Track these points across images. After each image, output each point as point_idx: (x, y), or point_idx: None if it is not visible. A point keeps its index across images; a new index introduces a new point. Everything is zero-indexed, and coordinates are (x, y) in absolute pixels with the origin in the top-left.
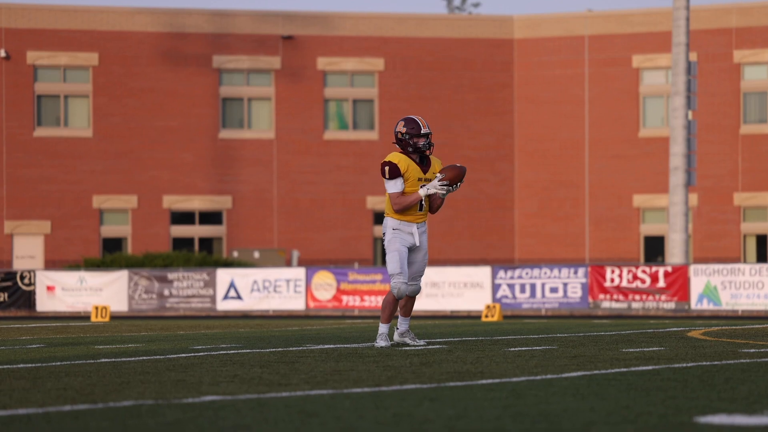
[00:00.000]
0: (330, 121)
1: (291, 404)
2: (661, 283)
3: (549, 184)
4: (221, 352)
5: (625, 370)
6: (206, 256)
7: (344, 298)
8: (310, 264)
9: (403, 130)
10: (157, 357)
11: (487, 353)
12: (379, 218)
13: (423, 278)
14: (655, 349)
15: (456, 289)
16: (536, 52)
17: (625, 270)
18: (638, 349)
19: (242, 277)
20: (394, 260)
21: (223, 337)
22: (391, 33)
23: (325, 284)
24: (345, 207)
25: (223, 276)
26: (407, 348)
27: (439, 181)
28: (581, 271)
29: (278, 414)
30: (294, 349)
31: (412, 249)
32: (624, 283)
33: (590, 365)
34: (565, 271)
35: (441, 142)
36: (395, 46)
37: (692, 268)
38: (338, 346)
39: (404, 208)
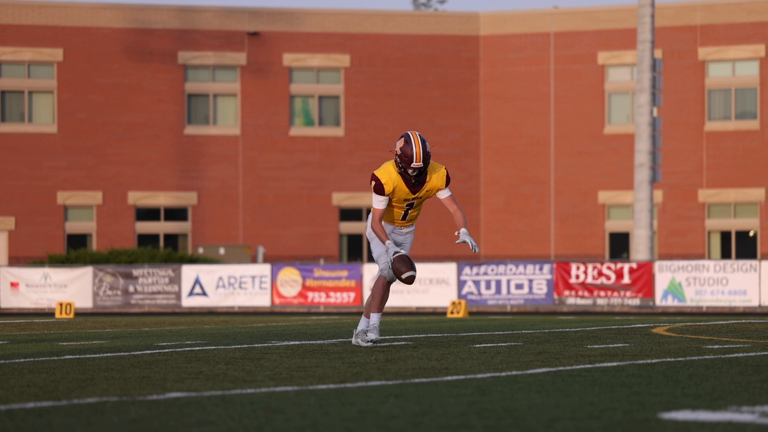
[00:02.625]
0: (296, 118)
1: (256, 401)
2: (626, 280)
3: (515, 180)
4: (186, 348)
5: (589, 366)
6: (171, 252)
7: (310, 294)
8: (276, 260)
9: (399, 151)
10: (122, 354)
11: (453, 350)
12: (344, 214)
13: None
14: (619, 345)
15: (422, 286)
16: (502, 48)
17: (590, 266)
18: (603, 346)
19: (207, 273)
20: (378, 244)
21: (188, 334)
22: (357, 29)
23: (290, 280)
24: (311, 203)
25: (188, 272)
26: (367, 345)
27: (394, 255)
28: (546, 267)
29: (243, 411)
30: (259, 345)
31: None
32: (589, 280)
33: (555, 362)
34: (530, 267)
35: None
36: (361, 43)
37: (657, 264)
38: (303, 342)
39: (374, 230)
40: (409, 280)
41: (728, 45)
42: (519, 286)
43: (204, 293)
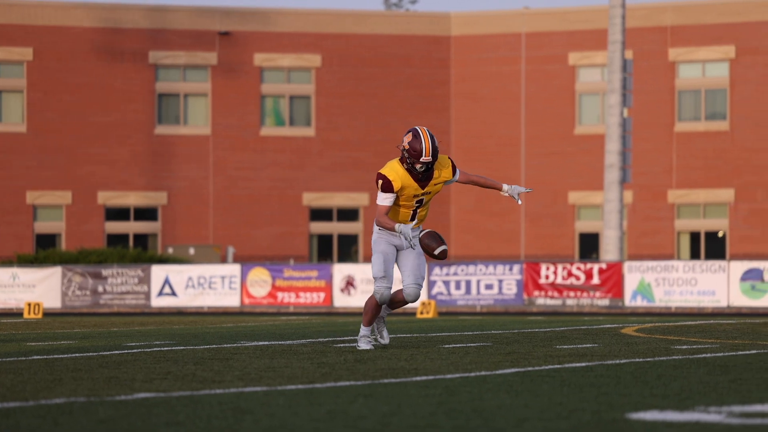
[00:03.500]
0: (267, 117)
1: (224, 401)
2: (596, 280)
3: None
4: (155, 349)
5: (558, 366)
6: (141, 252)
7: (279, 294)
8: (246, 260)
9: (407, 146)
10: (90, 354)
11: (422, 350)
12: (315, 215)
13: (361, 275)
14: (588, 345)
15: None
16: (473, 49)
17: (559, 267)
18: (572, 346)
19: (177, 273)
20: (377, 262)
21: (157, 334)
22: (328, 29)
23: (260, 281)
24: (281, 203)
25: (158, 272)
26: (343, 345)
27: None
28: (516, 267)
29: (211, 411)
30: (228, 345)
31: (401, 250)
32: (559, 280)
33: (524, 362)
34: (500, 267)
35: (378, 139)
36: (332, 43)
37: (626, 265)
38: (273, 342)
39: (380, 224)
40: (442, 255)
41: (698, 46)
42: (489, 287)
43: (173, 293)
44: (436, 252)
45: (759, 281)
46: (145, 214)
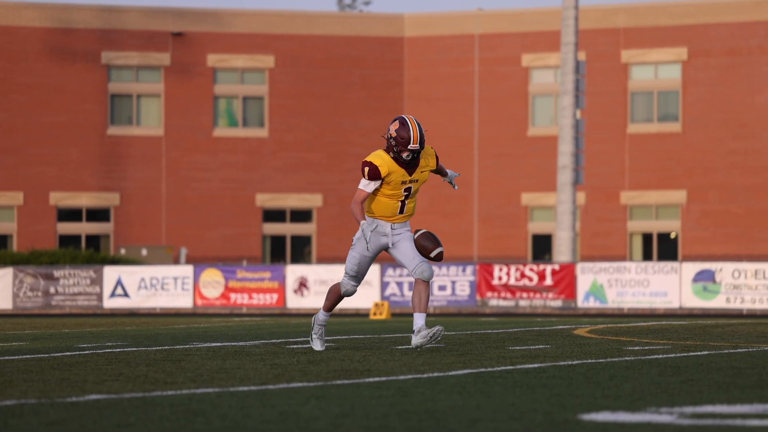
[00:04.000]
0: (220, 118)
1: (176, 403)
2: (549, 281)
3: (438, 181)
4: (107, 350)
5: (511, 368)
6: (93, 253)
7: (232, 295)
8: (199, 261)
9: (394, 134)
10: (41, 355)
11: (375, 351)
12: (268, 215)
13: (314, 276)
14: (541, 347)
15: None
16: (427, 50)
17: (512, 268)
18: (524, 347)
19: (129, 274)
20: (353, 261)
21: (109, 335)
22: (281, 30)
23: (213, 282)
24: (234, 204)
25: (110, 273)
26: (296, 347)
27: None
28: (469, 269)
29: (163, 413)
30: (180, 347)
31: (388, 248)
32: (512, 281)
33: (477, 363)
34: (453, 269)
35: (331, 140)
36: (286, 44)
37: (579, 266)
38: (225, 344)
39: (352, 211)
40: (439, 257)
41: (651, 48)
42: (442, 288)
43: (126, 294)
44: (433, 254)
45: (711, 282)
46: (98, 215)
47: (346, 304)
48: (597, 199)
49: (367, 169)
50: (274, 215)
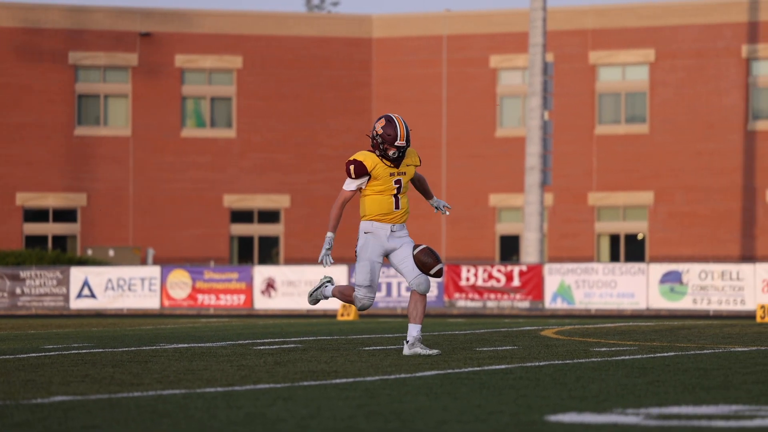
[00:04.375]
0: (187, 119)
1: (142, 404)
2: (516, 282)
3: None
4: (73, 351)
5: (478, 369)
6: (60, 254)
7: (200, 296)
8: (166, 262)
9: (380, 131)
10: (7, 357)
11: (342, 352)
12: (235, 216)
13: (282, 277)
14: (508, 348)
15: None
16: (395, 51)
17: (480, 269)
18: (492, 348)
19: (96, 275)
20: (363, 270)
21: (76, 336)
22: (249, 31)
23: (180, 283)
24: (202, 205)
25: (77, 274)
26: (263, 348)
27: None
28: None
29: (129, 414)
30: (147, 348)
31: (391, 252)
32: (479, 282)
33: (444, 364)
34: None
35: (299, 140)
36: (254, 44)
37: (547, 267)
38: (192, 345)
39: (330, 217)
40: (439, 274)
41: (619, 49)
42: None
43: (93, 295)
44: (433, 271)
45: (678, 283)
46: (64, 215)
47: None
48: (564, 200)
49: (352, 167)
50: (241, 216)
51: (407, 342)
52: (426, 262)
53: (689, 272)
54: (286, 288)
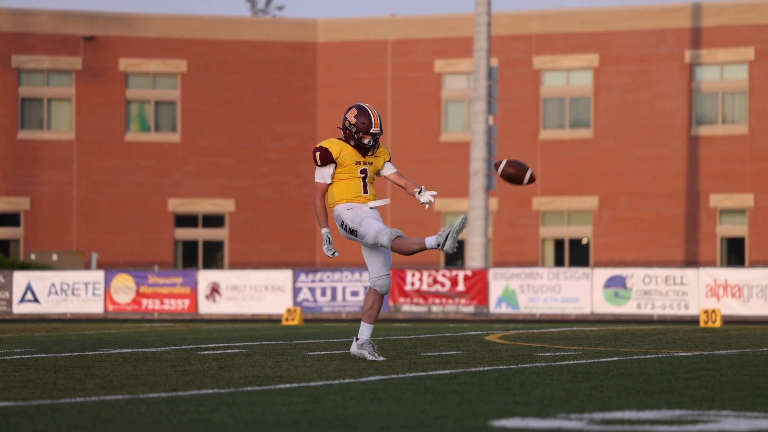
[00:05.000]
0: (132, 123)
1: (85, 410)
2: (461, 287)
3: None
4: (15, 356)
5: (422, 374)
6: (2, 258)
7: (144, 301)
8: (110, 267)
9: (353, 120)
10: None
11: (286, 357)
12: (180, 221)
13: (226, 282)
14: (452, 353)
15: (257, 293)
16: (340, 55)
17: (425, 274)
18: (436, 353)
19: (39, 279)
20: (370, 224)
21: (18, 342)
22: (194, 35)
23: (124, 287)
24: (146, 209)
25: (20, 279)
26: (207, 353)
27: (330, 247)
28: None
29: (72, 420)
30: (90, 353)
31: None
32: (424, 287)
33: (388, 369)
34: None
35: (244, 145)
36: (198, 48)
37: (491, 272)
38: (136, 350)
39: (316, 217)
40: (532, 179)
41: (563, 54)
42: (354, 293)
43: (36, 300)
44: (526, 180)
45: (622, 288)
46: (7, 219)
47: (258, 309)
48: (509, 204)
49: (318, 153)
50: (186, 220)
51: (357, 340)
52: (516, 173)
53: (633, 277)
54: (231, 293)
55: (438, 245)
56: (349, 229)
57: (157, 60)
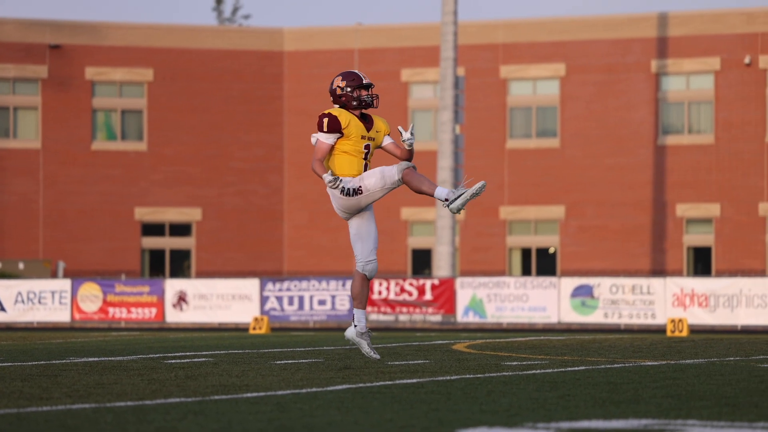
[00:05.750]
0: (98, 132)
1: (51, 419)
2: (428, 296)
3: (318, 196)
4: None
5: (389, 383)
6: None
7: (111, 310)
8: (76, 275)
9: (342, 84)
10: None
11: (253, 366)
12: (147, 229)
13: (194, 291)
14: (420, 362)
15: (224, 301)
16: (306, 64)
17: (392, 282)
18: (403, 362)
19: (6, 288)
20: (371, 173)
21: None
22: (160, 44)
23: (91, 296)
24: (113, 218)
25: None
26: (174, 362)
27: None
28: (349, 283)
29: (38, 428)
30: (57, 362)
31: (358, 214)
32: (391, 296)
33: (356, 378)
34: (333, 283)
35: (210, 154)
36: (165, 57)
37: (458, 281)
38: (103, 359)
39: (314, 169)
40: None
41: (529, 63)
42: (322, 302)
43: (2, 309)
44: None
45: (589, 297)
46: None
47: (225, 318)
48: (476, 214)
49: (326, 120)
50: (153, 229)
51: (356, 326)
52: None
53: (600, 286)
54: (198, 301)
55: (446, 200)
56: (352, 191)
57: (123, 69)
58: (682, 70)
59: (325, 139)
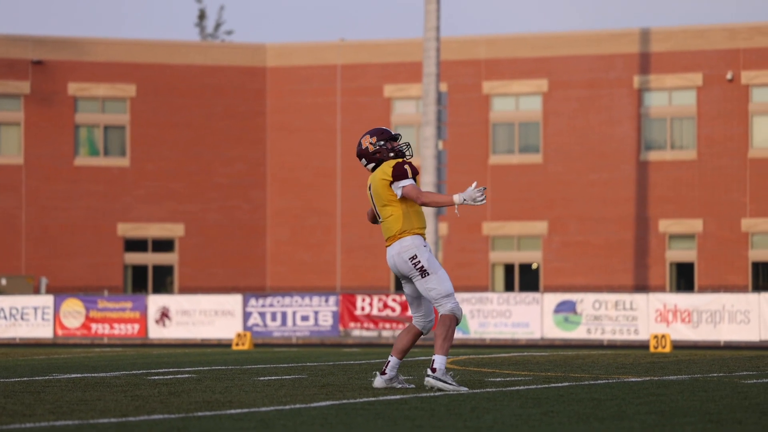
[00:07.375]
0: (81, 147)
1: None
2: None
3: (301, 211)
4: None
5: (373, 399)
6: None
7: (93, 326)
8: (59, 291)
9: (373, 140)
10: None
11: (237, 382)
12: (129, 245)
13: (176, 306)
14: (404, 378)
15: (207, 317)
16: (289, 80)
17: (375, 298)
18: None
19: None
20: (445, 278)
21: None
22: (143, 59)
23: (74, 312)
24: (95, 234)
25: None
26: (157, 378)
27: (475, 188)
28: (332, 299)
29: None
30: (40, 378)
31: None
32: (374, 312)
33: (339, 394)
34: (316, 299)
35: (193, 169)
36: (147, 73)
37: None
38: (86, 375)
39: (437, 202)
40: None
41: (512, 79)
42: (305, 318)
43: None
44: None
45: (572, 313)
46: None
47: (208, 334)
48: (459, 229)
49: (407, 166)
50: (135, 245)
51: (434, 372)
52: None
53: (583, 302)
54: (181, 317)
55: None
56: (422, 267)
57: (106, 84)
58: (664, 86)
59: (413, 182)
